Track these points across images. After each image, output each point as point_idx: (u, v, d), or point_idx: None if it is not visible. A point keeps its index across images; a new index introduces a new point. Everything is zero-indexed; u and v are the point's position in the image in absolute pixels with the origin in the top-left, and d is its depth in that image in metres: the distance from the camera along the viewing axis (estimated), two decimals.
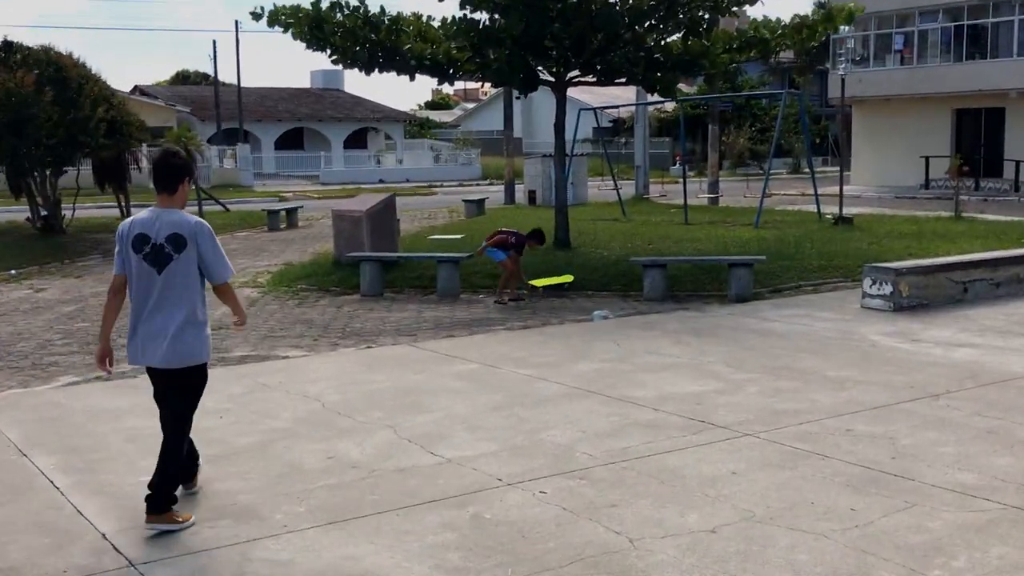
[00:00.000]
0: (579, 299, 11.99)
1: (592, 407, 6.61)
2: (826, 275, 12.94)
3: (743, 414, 6.39)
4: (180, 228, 4.74)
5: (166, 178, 4.83)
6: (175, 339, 4.70)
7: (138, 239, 4.75)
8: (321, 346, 9.35)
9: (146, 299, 4.73)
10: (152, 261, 4.73)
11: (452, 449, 5.76)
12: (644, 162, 29.81)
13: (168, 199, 4.83)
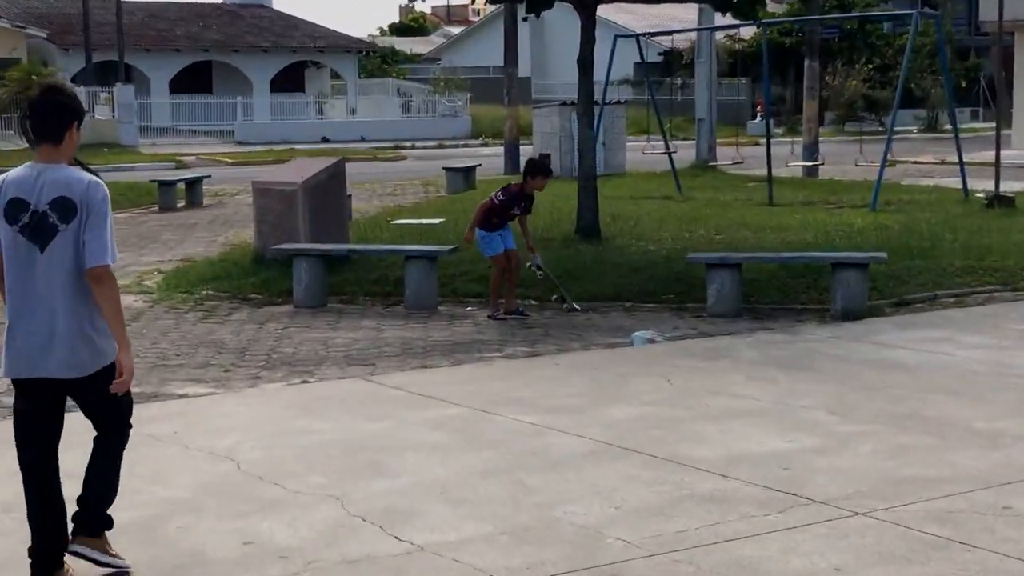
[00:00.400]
0: (613, 313, 12.04)
1: (630, 471, 6.63)
2: (975, 281, 12.98)
3: (851, 484, 6.39)
4: (69, 190, 4.95)
5: (48, 122, 5.02)
6: (71, 340, 4.96)
7: (12, 205, 4.96)
8: (236, 380, 9.39)
9: (26, 287, 4.97)
10: (32, 234, 4.95)
11: (425, 531, 5.78)
12: (710, 114, 29.92)
13: (52, 150, 5.03)
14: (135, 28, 50.93)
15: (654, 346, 10.27)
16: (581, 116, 15.81)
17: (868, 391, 8.41)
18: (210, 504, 6.22)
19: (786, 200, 21.10)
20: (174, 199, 23.13)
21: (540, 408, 8.03)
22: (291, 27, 55.86)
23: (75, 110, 5.10)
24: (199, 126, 48.11)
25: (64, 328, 4.97)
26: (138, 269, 15.26)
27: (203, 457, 7.01)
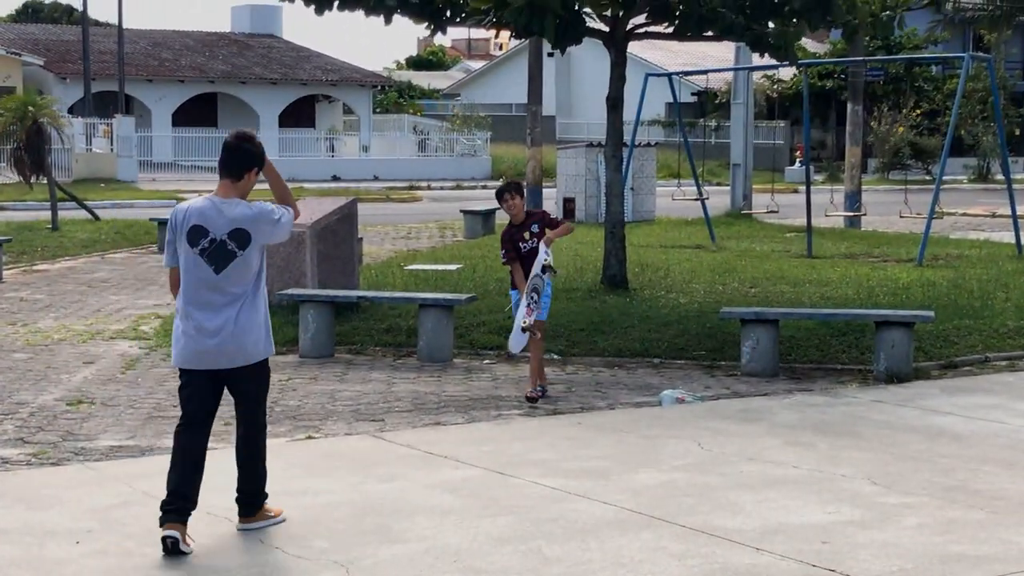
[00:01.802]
0: (640, 370, 12.01)
1: (659, 543, 6.59)
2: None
3: (895, 560, 6.35)
4: (244, 223, 6.44)
5: (234, 164, 6.54)
6: (237, 338, 6.48)
7: (194, 231, 6.42)
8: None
9: (195, 295, 6.46)
10: (210, 258, 6.43)
11: None
12: (746, 159, 29.96)
13: (230, 187, 6.53)
14: (137, 57, 51.46)
15: (684, 406, 10.23)
16: (609, 158, 15.83)
17: (914, 460, 8.36)
18: (206, 568, 6.20)
19: (826, 252, 21.08)
20: None
21: (561, 471, 8.00)
22: (302, 59, 56.33)
23: (259, 157, 6.61)
24: (202, 161, 48.36)
25: (229, 334, 6.45)
26: (135, 313, 15.30)
27: (199, 516, 6.97)
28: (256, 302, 6.56)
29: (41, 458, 8.61)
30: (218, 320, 6.45)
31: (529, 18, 13.87)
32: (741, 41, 15.57)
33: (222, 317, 6.46)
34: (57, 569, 6.12)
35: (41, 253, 21.31)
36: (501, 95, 64.84)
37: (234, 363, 6.56)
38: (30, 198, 30.55)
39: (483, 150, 50.87)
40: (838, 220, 26.41)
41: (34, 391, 10.80)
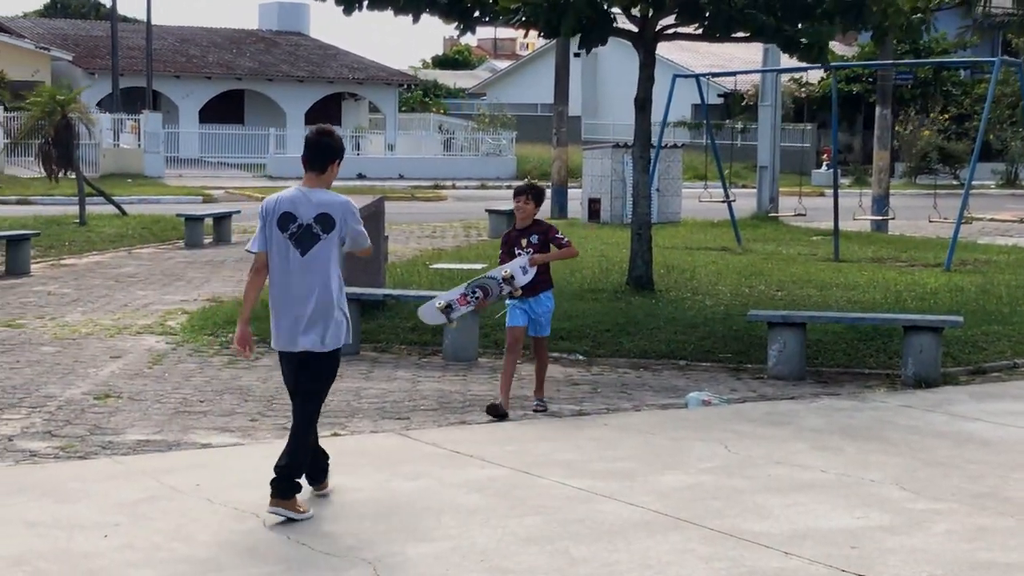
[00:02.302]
0: (666, 372, 11.99)
1: (686, 545, 6.57)
2: None
3: (924, 566, 6.32)
4: (330, 208, 6.99)
5: (318, 157, 7.10)
6: (320, 325, 6.95)
7: (284, 217, 6.97)
8: (262, 430, 9.39)
9: (284, 278, 6.97)
10: (297, 242, 6.94)
11: None
12: (773, 162, 29.86)
13: (316, 178, 7.11)
14: (165, 53, 51.62)
15: (710, 409, 10.21)
16: (637, 159, 15.80)
17: (943, 466, 8.32)
18: (233, 563, 6.20)
19: (853, 256, 21.00)
20: (201, 235, 23.27)
21: (588, 472, 7.99)
22: (329, 57, 56.42)
23: (339, 150, 7.19)
24: (229, 158, 48.55)
25: (314, 312, 6.93)
26: (162, 308, 15.34)
27: (227, 512, 7.00)
28: (337, 287, 7.06)
29: (69, 451, 8.64)
30: (307, 305, 6.96)
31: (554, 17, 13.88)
32: (772, 42, 15.51)
33: (312, 302, 6.96)
34: (85, 563, 6.14)
35: (69, 247, 21.40)
36: (527, 95, 64.80)
37: (321, 348, 7.05)
38: (58, 192, 30.70)
39: (508, 150, 50.84)
40: (865, 224, 26.31)
41: (62, 385, 10.84)
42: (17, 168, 40.18)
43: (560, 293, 15.27)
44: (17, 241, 18.81)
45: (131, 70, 48.02)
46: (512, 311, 9.99)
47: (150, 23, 46.10)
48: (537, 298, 9.95)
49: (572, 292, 15.45)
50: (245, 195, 37.42)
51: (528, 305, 9.91)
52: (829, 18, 14.29)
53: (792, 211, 25.11)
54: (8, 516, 6.86)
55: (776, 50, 27.24)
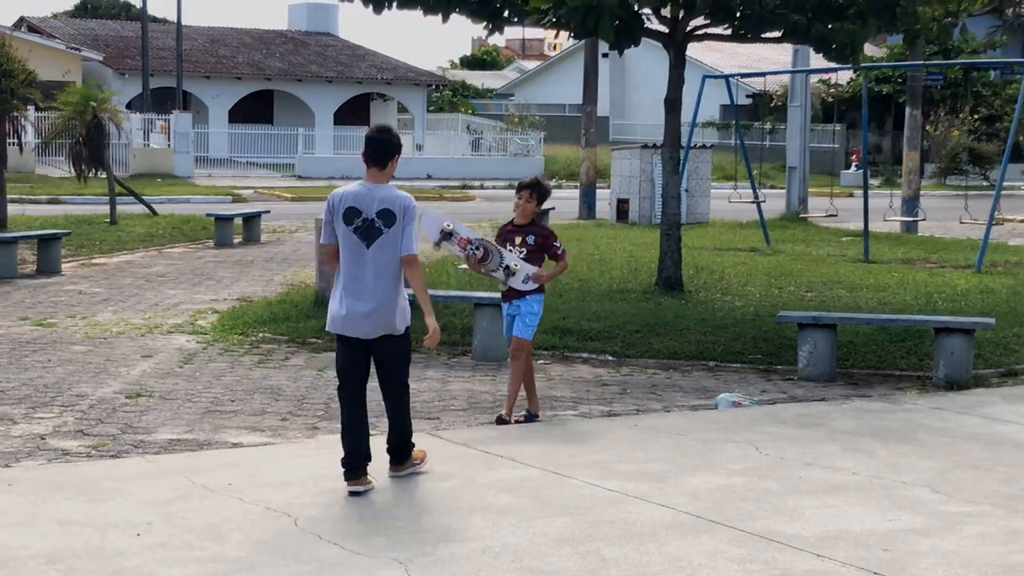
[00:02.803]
0: (696, 373, 11.96)
1: (717, 547, 6.55)
2: None
3: (957, 569, 6.28)
4: (392, 204, 7.40)
5: (379, 153, 7.50)
6: (379, 312, 7.40)
7: (349, 212, 7.41)
8: (292, 430, 9.41)
9: (351, 269, 7.42)
10: (362, 235, 7.38)
11: None
12: (802, 162, 29.76)
13: (378, 174, 7.52)
14: (195, 53, 51.79)
15: (741, 410, 10.17)
16: (666, 160, 15.78)
17: (975, 469, 8.27)
18: (265, 563, 6.21)
19: (883, 257, 20.91)
20: (231, 235, 23.34)
21: (618, 473, 7.97)
22: (358, 57, 56.50)
23: (398, 146, 7.60)
24: (258, 158, 48.67)
25: (379, 303, 7.38)
26: (192, 308, 15.39)
27: (259, 512, 7.01)
28: (399, 279, 7.47)
29: (101, 450, 8.68)
30: (371, 295, 7.39)
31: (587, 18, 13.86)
32: (805, 43, 15.45)
33: (375, 293, 7.39)
34: (118, 561, 6.16)
35: (99, 247, 21.49)
36: (554, 95, 64.78)
37: (378, 332, 7.46)
38: (88, 192, 30.86)
39: (536, 150, 50.83)
40: (895, 225, 26.20)
41: (93, 383, 10.89)
42: (48, 168, 40.41)
43: (589, 293, 15.34)
44: (48, 240, 18.92)
45: (161, 70, 48.21)
46: (507, 319, 9.61)
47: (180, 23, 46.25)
48: (525, 299, 9.42)
49: (601, 293, 15.46)
50: (274, 195, 37.56)
51: (516, 306, 9.47)
52: (862, 19, 14.23)
53: (822, 212, 25.02)
54: (41, 514, 6.88)
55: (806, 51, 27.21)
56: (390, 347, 7.55)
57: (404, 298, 7.54)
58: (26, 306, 15.38)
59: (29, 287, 17.07)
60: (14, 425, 9.34)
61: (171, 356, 12.26)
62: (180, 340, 13.18)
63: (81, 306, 15.45)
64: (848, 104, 51.84)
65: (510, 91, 72.21)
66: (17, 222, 23.27)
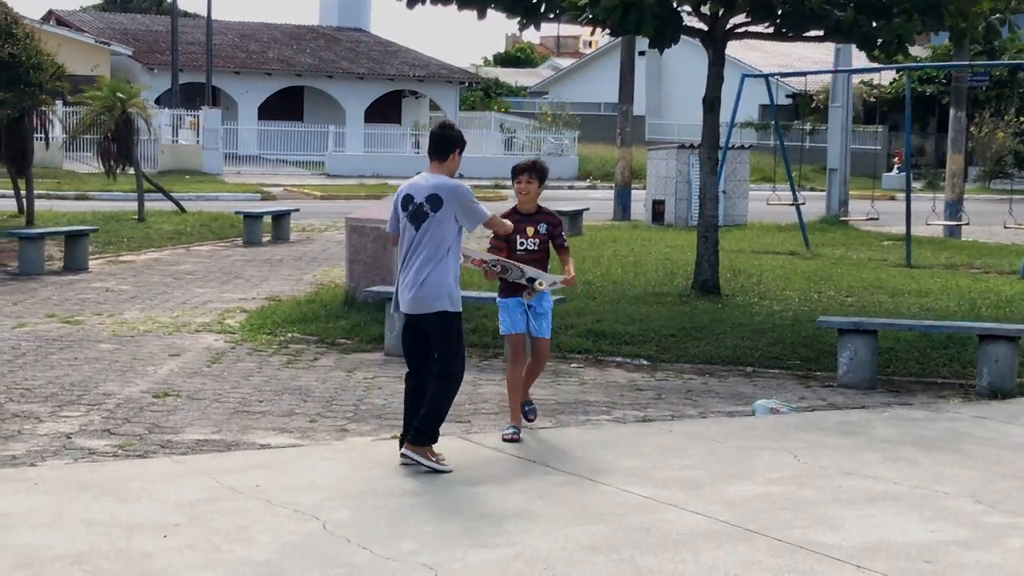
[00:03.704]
0: (732, 378, 11.92)
1: (754, 556, 6.53)
2: None
3: None
4: (439, 190, 8.00)
5: (440, 147, 8.20)
6: (422, 287, 7.90)
7: (405, 199, 8.11)
8: (322, 431, 9.44)
9: (405, 252, 8.04)
10: (412, 219, 8.01)
11: None
12: (843, 164, 29.64)
13: (438, 166, 8.21)
14: (225, 49, 51.99)
15: (778, 417, 10.13)
16: (704, 160, 15.73)
17: (1019, 479, 8.21)
18: (293, 566, 6.22)
19: (925, 262, 20.80)
20: (260, 233, 23.43)
21: (653, 480, 7.95)
22: (390, 54, 56.60)
23: (458, 141, 8.28)
24: (287, 155, 48.81)
25: (424, 281, 7.90)
26: (220, 306, 15.45)
27: (287, 514, 7.03)
28: (447, 262, 7.96)
29: (127, 450, 8.72)
30: (417, 273, 7.93)
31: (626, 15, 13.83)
32: (848, 40, 15.38)
33: (420, 271, 7.92)
34: (145, 562, 6.18)
35: (127, 244, 21.61)
36: (589, 94, 64.71)
37: (421, 310, 7.95)
38: (116, 188, 31.03)
39: (571, 150, 50.79)
40: (937, 229, 26.06)
41: (120, 382, 10.95)
42: (75, 163, 40.65)
43: (623, 296, 15.32)
44: (75, 237, 19.04)
45: (191, 66, 48.41)
46: (507, 312, 8.97)
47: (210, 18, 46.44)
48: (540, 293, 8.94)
49: (636, 295, 15.44)
50: (304, 193, 37.66)
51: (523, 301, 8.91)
52: (907, 15, 14.15)
53: (863, 215, 24.90)
54: (67, 514, 6.92)
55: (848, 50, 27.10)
56: (435, 325, 7.99)
57: (452, 279, 7.99)
58: (53, 303, 15.48)
59: (56, 284, 17.18)
60: (40, 424, 9.40)
61: (199, 355, 12.32)
62: (208, 339, 13.23)
63: (108, 304, 15.54)
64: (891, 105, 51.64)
65: (544, 89, 72.18)
66: (44, 218, 23.45)
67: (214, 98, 47.38)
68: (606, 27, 14.89)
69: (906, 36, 14.35)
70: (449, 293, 7.97)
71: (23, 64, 20.89)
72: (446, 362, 8.04)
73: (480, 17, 15.11)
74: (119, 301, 15.76)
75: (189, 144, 44.25)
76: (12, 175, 24.10)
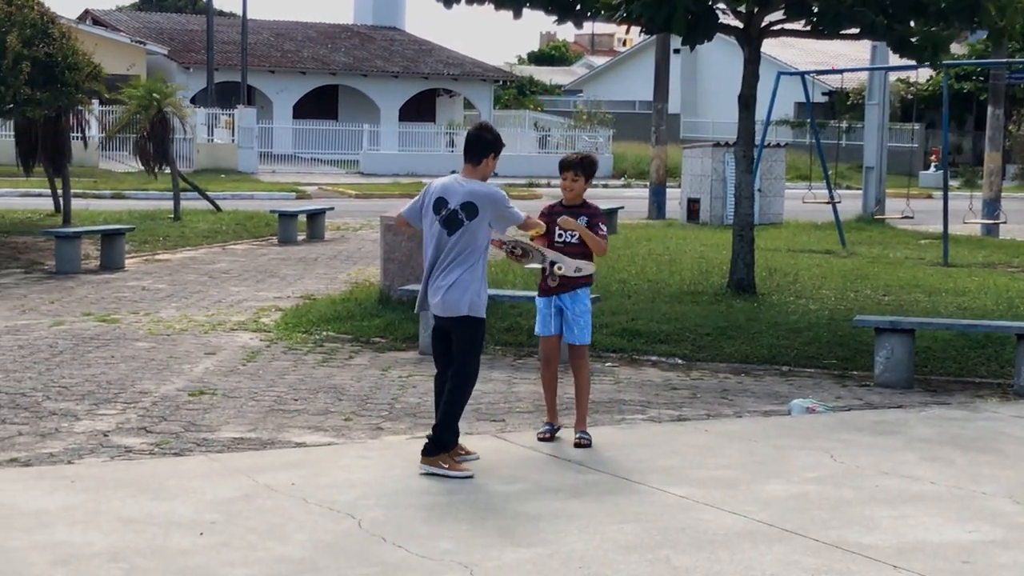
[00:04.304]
0: (768, 377, 11.89)
1: (791, 556, 6.51)
2: None
3: None
4: (475, 197, 7.99)
5: (474, 150, 8.17)
6: (448, 291, 7.96)
7: (437, 202, 8.08)
8: (356, 430, 9.46)
9: (436, 256, 8.05)
10: (445, 224, 8.00)
11: None
12: (880, 162, 29.47)
13: (471, 170, 8.19)
14: (260, 48, 52.21)
15: (815, 417, 10.10)
16: (740, 158, 15.69)
17: None
18: (329, 564, 6.25)
19: (963, 260, 20.68)
20: (295, 232, 23.51)
21: (688, 479, 7.94)
22: (424, 52, 56.70)
23: (493, 144, 8.20)
24: (322, 154, 48.96)
25: (453, 284, 7.94)
26: (255, 305, 15.52)
27: (322, 512, 7.05)
28: (476, 269, 8.02)
29: (164, 448, 8.77)
30: (445, 277, 7.98)
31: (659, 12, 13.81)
32: (883, 40, 15.31)
33: (449, 275, 7.97)
34: (181, 559, 6.22)
35: (163, 243, 21.73)
36: (624, 92, 64.63)
37: (448, 313, 8.00)
38: (151, 187, 31.21)
39: (605, 148, 50.72)
40: (974, 227, 25.91)
41: (156, 380, 11.02)
42: (111, 162, 40.92)
43: (658, 295, 15.29)
44: (112, 236, 19.16)
45: (226, 65, 48.64)
46: (539, 313, 8.87)
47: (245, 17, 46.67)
48: (574, 294, 8.71)
49: (671, 294, 15.40)
50: (338, 192, 37.77)
51: (562, 302, 8.73)
52: (944, 18, 14.07)
53: (899, 213, 24.78)
54: (104, 512, 6.97)
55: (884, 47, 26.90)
56: (460, 328, 8.03)
57: (479, 286, 8.00)
58: (89, 301, 15.59)
59: (92, 282, 17.30)
60: (77, 421, 9.47)
61: (234, 354, 12.38)
62: (243, 338, 13.29)
63: (144, 302, 15.63)
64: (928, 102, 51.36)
65: (578, 87, 72.15)
66: (81, 216, 23.60)
67: (249, 97, 47.60)
68: (640, 25, 14.86)
69: (941, 43, 14.27)
70: (477, 298, 8.02)
71: (60, 64, 21.01)
72: (464, 362, 8.04)
73: (516, 16, 15.11)
74: (155, 300, 15.85)
75: (224, 143, 44.46)
76: (49, 174, 24.28)
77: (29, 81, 20.13)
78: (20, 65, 19.93)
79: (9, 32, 19.97)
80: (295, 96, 52.02)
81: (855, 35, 15.12)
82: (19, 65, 19.90)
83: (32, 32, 20.50)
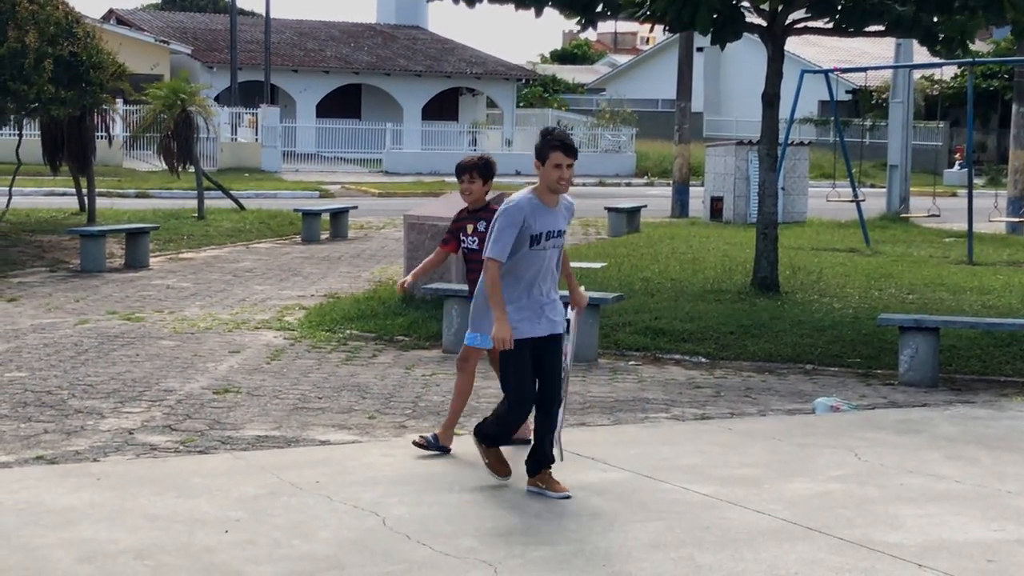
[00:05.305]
0: (792, 376, 11.87)
1: (815, 555, 6.50)
2: None
3: None
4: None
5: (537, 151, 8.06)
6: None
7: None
8: (380, 428, 9.49)
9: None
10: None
11: None
12: (904, 160, 29.39)
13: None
14: (283, 47, 52.35)
15: (839, 415, 10.08)
16: (763, 157, 15.67)
17: None
18: (354, 562, 6.27)
19: (988, 259, 20.60)
20: (318, 230, 23.56)
21: (712, 478, 7.94)
22: (447, 51, 56.75)
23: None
24: (345, 153, 49.05)
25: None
26: (279, 303, 15.57)
27: (346, 510, 7.08)
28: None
29: (188, 446, 8.81)
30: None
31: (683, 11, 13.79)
32: (909, 36, 15.27)
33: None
34: (207, 556, 6.25)
35: (187, 241, 21.81)
36: (647, 90, 64.57)
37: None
38: (175, 186, 31.33)
39: (628, 146, 50.70)
40: (999, 226, 25.79)
41: (181, 379, 11.06)
42: (135, 161, 41.07)
43: (682, 294, 15.29)
44: (136, 234, 19.25)
45: (249, 64, 48.77)
46: None
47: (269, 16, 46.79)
48: None
49: (694, 293, 15.40)
50: (361, 190, 37.84)
51: None
52: (970, 11, 14.02)
53: (924, 212, 24.69)
54: (130, 509, 7.01)
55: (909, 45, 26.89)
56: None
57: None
58: (114, 300, 15.66)
59: (117, 281, 17.38)
60: (102, 419, 9.52)
61: (258, 352, 12.42)
62: (267, 336, 13.34)
63: (168, 300, 15.69)
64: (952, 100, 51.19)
65: (601, 86, 72.07)
66: (105, 215, 23.70)
67: (272, 96, 47.71)
68: (663, 23, 14.85)
69: (968, 33, 14.22)
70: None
71: (84, 63, 21.09)
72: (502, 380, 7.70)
73: (537, 15, 15.13)
74: (179, 298, 15.91)
75: (248, 142, 44.58)
76: (74, 173, 24.39)
77: (53, 80, 20.19)
78: (43, 63, 19.99)
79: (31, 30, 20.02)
80: (318, 95, 52.13)
81: (880, 32, 15.09)
82: (42, 63, 19.96)
83: (56, 31, 20.57)
